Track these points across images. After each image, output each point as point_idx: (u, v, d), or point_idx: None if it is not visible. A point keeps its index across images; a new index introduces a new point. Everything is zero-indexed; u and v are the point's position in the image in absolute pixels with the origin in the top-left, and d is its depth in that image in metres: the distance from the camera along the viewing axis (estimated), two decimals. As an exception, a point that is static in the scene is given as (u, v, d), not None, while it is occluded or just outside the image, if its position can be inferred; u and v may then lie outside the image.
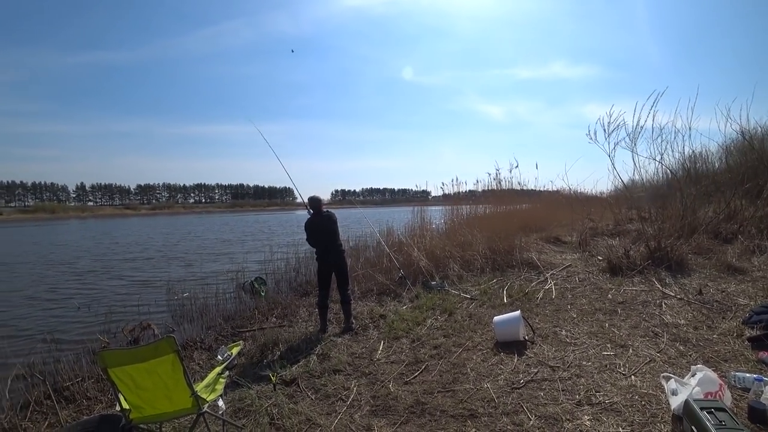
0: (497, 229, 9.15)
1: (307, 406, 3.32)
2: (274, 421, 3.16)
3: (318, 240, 5.25)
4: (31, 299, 9.31)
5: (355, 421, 3.06)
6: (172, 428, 3.18)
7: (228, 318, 6.64)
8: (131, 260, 15.40)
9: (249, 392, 3.64)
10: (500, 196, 11.17)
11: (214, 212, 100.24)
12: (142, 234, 30.02)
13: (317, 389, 3.64)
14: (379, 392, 3.46)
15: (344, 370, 3.98)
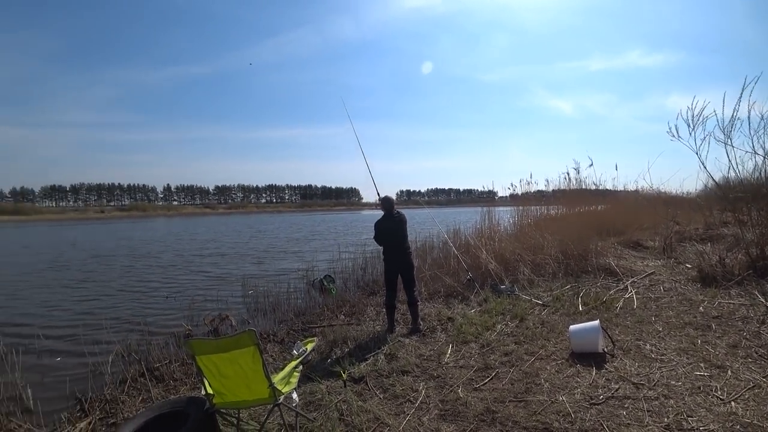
0: (570, 231, 8.69)
1: (375, 405, 3.36)
2: (343, 417, 3.22)
3: (386, 241, 5.29)
4: (125, 289, 10.28)
5: (424, 424, 3.05)
6: (248, 415, 3.36)
7: (299, 313, 6.91)
8: (208, 256, 16.48)
9: (319, 387, 3.76)
10: (573, 196, 10.58)
11: (284, 212, 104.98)
12: (218, 231, 32.07)
13: (385, 389, 3.67)
14: (447, 396, 3.42)
15: (412, 372, 3.97)
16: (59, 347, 5.99)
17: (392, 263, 5.31)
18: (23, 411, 4.05)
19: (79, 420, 3.72)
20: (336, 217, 61.28)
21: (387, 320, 5.37)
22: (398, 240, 5.24)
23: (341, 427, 3.10)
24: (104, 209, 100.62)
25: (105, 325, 6.54)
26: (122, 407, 3.90)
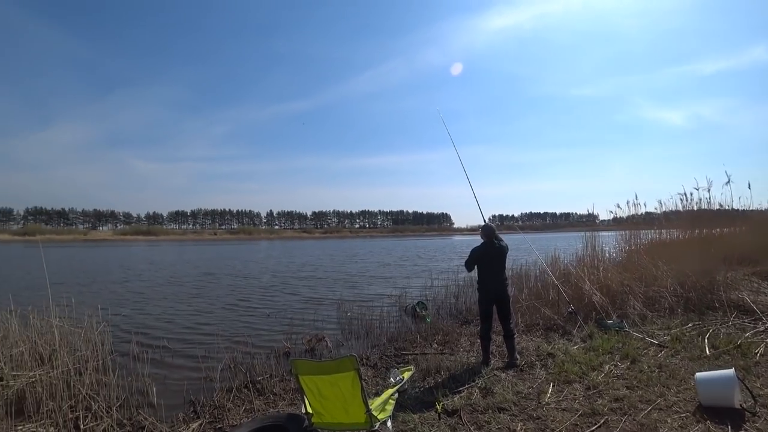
0: (690, 260, 7.70)
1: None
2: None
3: (483, 270, 5.14)
4: (230, 305, 11.20)
5: (523, 468, 2.86)
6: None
7: (391, 339, 6.95)
8: (303, 278, 17.37)
9: (412, 416, 3.71)
10: (692, 218, 9.34)
11: (377, 236, 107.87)
12: (313, 255, 33.75)
13: (480, 425, 3.52)
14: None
15: (509, 410, 3.76)
16: (178, 354, 6.72)
17: (488, 293, 5.12)
18: (148, 405, 4.62)
19: (192, 420, 4.16)
20: (427, 242, 61.25)
21: (482, 352, 5.17)
22: (496, 270, 5.07)
23: (434, 460, 3.03)
24: (216, 232, 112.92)
25: (215, 338, 7.21)
26: (228, 414, 4.25)
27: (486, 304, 5.14)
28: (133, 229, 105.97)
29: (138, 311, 10.37)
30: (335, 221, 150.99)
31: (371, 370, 5.40)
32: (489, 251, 5.08)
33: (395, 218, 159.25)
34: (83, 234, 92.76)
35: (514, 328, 5.22)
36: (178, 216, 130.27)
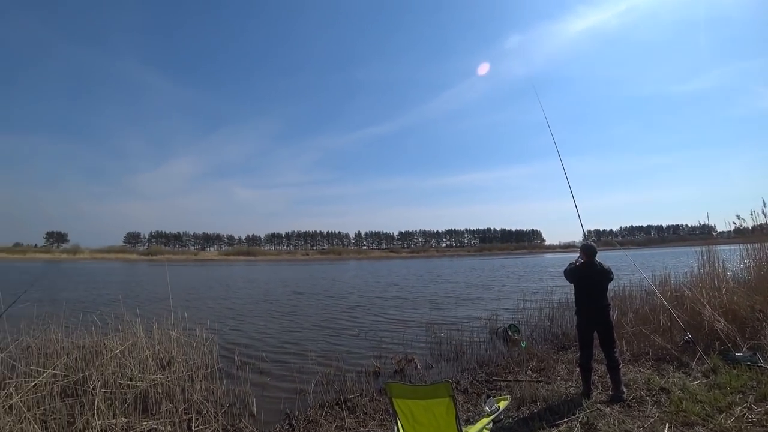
0: None
1: (572, 482, 2.98)
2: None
3: (582, 292, 4.80)
4: (320, 324, 11.56)
5: None
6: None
7: (482, 363, 6.71)
8: (390, 299, 17.42)
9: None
10: None
11: (464, 255, 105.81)
12: (399, 275, 33.90)
13: (583, 464, 3.23)
14: (667, 489, 2.80)
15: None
16: (274, 368, 7.10)
17: (587, 319, 4.75)
18: (249, 414, 4.97)
19: None
20: (516, 261, 58.64)
21: (582, 382, 4.78)
22: (596, 294, 4.69)
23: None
24: (308, 252, 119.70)
25: (307, 354, 7.54)
26: (320, 430, 4.43)
27: (585, 329, 4.77)
28: (235, 250, 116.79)
29: (237, 326, 11.23)
30: (422, 241, 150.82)
31: (462, 395, 5.25)
32: (589, 273, 4.73)
33: (482, 236, 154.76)
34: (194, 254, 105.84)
35: (619, 358, 4.75)
36: (273, 238, 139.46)
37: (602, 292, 4.70)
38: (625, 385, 4.69)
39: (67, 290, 20.80)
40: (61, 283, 25.72)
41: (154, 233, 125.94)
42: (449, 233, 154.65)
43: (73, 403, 4.66)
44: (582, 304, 4.79)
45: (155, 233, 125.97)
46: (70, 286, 23.75)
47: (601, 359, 4.93)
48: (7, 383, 4.60)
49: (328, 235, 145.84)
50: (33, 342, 6.23)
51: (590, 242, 4.94)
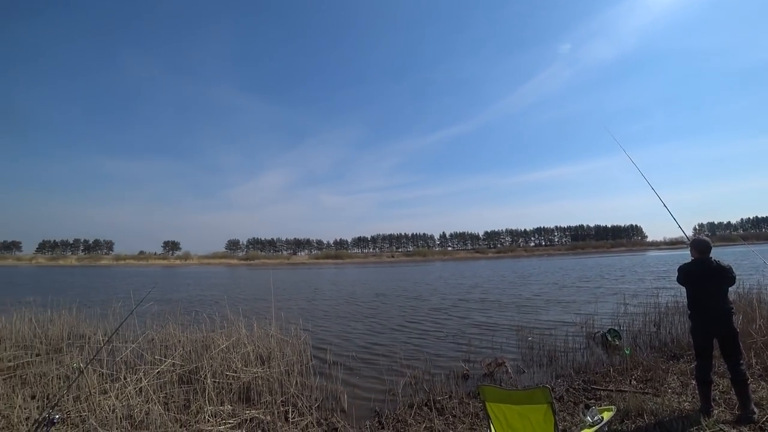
0: None
1: None
2: None
3: (697, 294, 4.24)
4: (403, 325, 11.63)
5: None
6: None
7: (579, 370, 6.30)
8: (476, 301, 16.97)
9: (610, 464, 3.26)
10: None
11: (554, 255, 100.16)
12: (483, 276, 32.85)
13: (705, 490, 2.87)
14: None
15: (747, 477, 2.97)
16: (363, 367, 7.29)
17: (703, 325, 4.17)
18: (340, 410, 5.18)
19: (378, 430, 4.52)
20: (613, 260, 53.97)
21: (700, 398, 4.22)
22: (715, 295, 4.10)
23: None
24: (394, 254, 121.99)
25: (395, 354, 7.64)
26: (409, 429, 4.46)
27: (702, 337, 4.18)
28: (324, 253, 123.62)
29: (327, 326, 11.74)
30: (509, 240, 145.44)
31: (557, 403, 4.94)
32: (704, 271, 4.16)
33: (574, 234, 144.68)
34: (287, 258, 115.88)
35: (746, 371, 4.08)
36: (360, 241, 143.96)
37: (720, 293, 4.09)
38: (755, 404, 4.06)
39: (180, 291, 23.54)
40: (175, 285, 29.26)
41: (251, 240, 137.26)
42: (538, 231, 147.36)
43: (189, 389, 5.29)
44: (696, 307, 4.23)
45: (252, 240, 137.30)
46: (182, 288, 26.82)
47: (723, 372, 4.34)
48: (137, 369, 5.38)
49: (413, 236, 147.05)
50: (156, 335, 7.29)
51: (703, 237, 4.35)
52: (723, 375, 4.66)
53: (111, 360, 6.07)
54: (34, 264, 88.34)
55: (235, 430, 4.27)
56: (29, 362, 6.40)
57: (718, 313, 4.08)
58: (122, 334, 7.14)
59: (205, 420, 4.37)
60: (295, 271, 58.14)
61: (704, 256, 4.22)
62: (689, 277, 4.28)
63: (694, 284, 4.24)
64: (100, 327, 8.42)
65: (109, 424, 4.21)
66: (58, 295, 12.25)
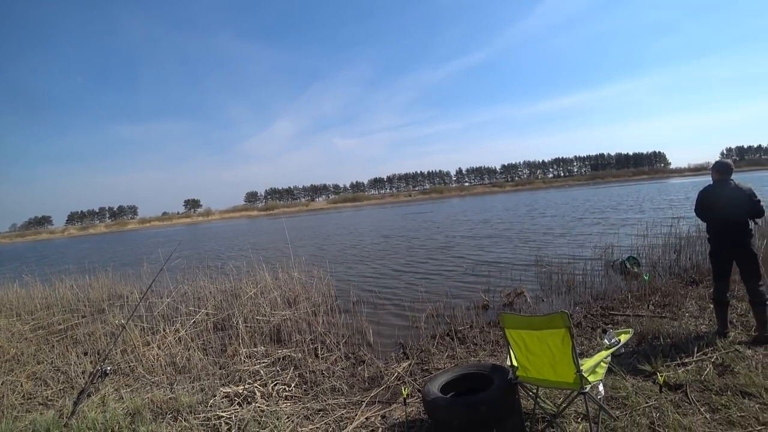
0: None
1: (699, 425, 2.79)
2: (654, 426, 2.82)
3: (712, 215, 4.22)
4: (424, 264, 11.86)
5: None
6: (544, 394, 3.33)
7: (597, 297, 6.43)
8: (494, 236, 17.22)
9: (624, 383, 3.41)
10: None
11: (573, 185, 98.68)
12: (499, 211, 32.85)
13: (714, 408, 2.98)
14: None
15: (759, 397, 3.05)
16: (387, 303, 7.60)
17: (721, 246, 4.17)
18: (366, 344, 5.49)
19: (403, 360, 4.77)
20: (635, 188, 52.84)
21: (717, 319, 4.29)
22: (731, 215, 4.04)
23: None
24: (411, 193, 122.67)
25: (417, 288, 7.89)
26: (433, 358, 4.71)
27: (719, 258, 4.21)
28: (342, 197, 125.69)
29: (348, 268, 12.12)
30: (526, 173, 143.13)
31: (575, 329, 5.13)
32: (721, 191, 4.11)
33: (594, 163, 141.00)
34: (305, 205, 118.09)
35: (766, 293, 4.08)
36: (376, 183, 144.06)
37: (739, 215, 4.03)
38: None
39: (206, 247, 24.44)
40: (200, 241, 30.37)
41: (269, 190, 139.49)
42: (556, 162, 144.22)
43: (223, 335, 5.72)
44: (713, 228, 4.22)
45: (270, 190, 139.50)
46: (207, 243, 27.83)
47: (743, 295, 4.36)
48: (174, 320, 5.86)
49: (429, 174, 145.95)
50: (189, 288, 7.74)
51: (723, 160, 4.25)
52: (742, 299, 4.69)
53: (149, 315, 6.49)
54: (66, 236, 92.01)
55: (270, 367, 4.58)
56: (77, 323, 6.91)
57: (736, 236, 4.06)
58: (157, 291, 7.56)
59: (242, 361, 4.72)
60: (315, 217, 59.26)
61: (724, 176, 4.14)
62: (707, 199, 4.24)
63: (712, 206, 4.19)
64: (136, 286, 8.98)
65: (155, 370, 4.63)
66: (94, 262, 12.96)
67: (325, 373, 4.42)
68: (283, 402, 3.82)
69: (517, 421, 2.91)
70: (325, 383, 4.16)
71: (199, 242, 29.18)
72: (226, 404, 3.75)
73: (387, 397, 3.84)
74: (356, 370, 4.55)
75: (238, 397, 3.86)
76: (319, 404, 3.75)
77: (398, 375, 4.30)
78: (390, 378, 4.24)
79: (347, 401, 3.81)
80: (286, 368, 4.55)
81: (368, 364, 4.67)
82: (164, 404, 3.77)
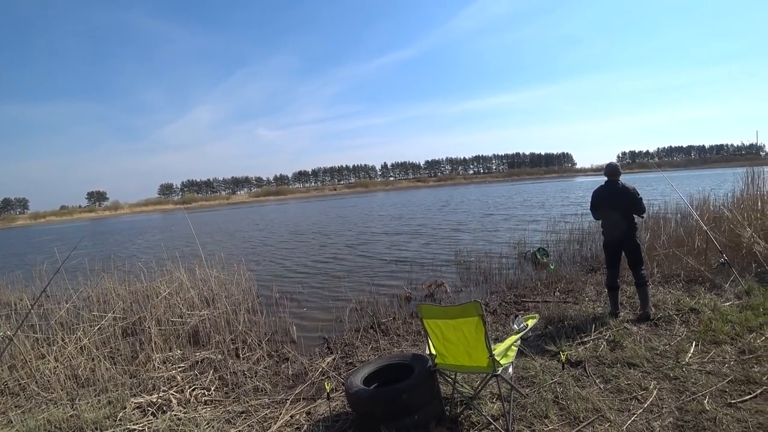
0: None
1: (595, 395, 3.14)
2: (558, 400, 3.13)
3: (605, 212, 4.80)
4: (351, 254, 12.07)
5: (654, 430, 2.69)
6: (462, 379, 3.55)
7: (511, 286, 6.89)
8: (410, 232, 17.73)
9: (533, 364, 3.72)
10: None
11: (492, 182, 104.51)
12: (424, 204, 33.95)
13: (607, 379, 3.38)
14: (688, 405, 2.91)
15: (641, 366, 3.53)
16: (311, 297, 7.55)
17: (611, 237, 4.77)
18: (290, 341, 5.38)
19: (327, 355, 4.75)
20: (544, 186, 57.24)
21: (610, 302, 4.87)
22: (618, 211, 4.64)
23: (555, 409, 3.02)
24: (336, 187, 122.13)
25: (341, 283, 7.90)
26: (357, 351, 4.75)
27: (610, 249, 4.83)
28: (264, 191, 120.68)
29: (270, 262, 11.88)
30: (449, 168, 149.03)
31: (491, 316, 5.47)
32: (610, 190, 4.72)
33: (511, 162, 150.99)
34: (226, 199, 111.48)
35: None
36: (301, 176, 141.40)
37: (624, 210, 4.63)
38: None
39: (112, 243, 22.31)
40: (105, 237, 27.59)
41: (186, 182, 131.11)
42: (477, 159, 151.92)
43: (134, 341, 5.24)
44: (605, 224, 4.84)
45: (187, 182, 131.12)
46: (113, 239, 25.41)
47: (631, 281, 4.97)
48: (75, 328, 5.20)
49: (354, 168, 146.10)
50: (92, 291, 6.89)
51: (612, 162, 4.86)
52: (630, 284, 5.29)
53: (45, 324, 5.73)
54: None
55: (187, 372, 4.32)
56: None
57: (623, 229, 4.63)
58: (54, 295, 6.77)
59: (155, 368, 4.37)
60: (237, 210, 56.71)
61: (612, 178, 4.72)
62: (598, 198, 4.82)
63: (603, 204, 4.77)
64: (26, 291, 7.60)
65: (52, 386, 4.10)
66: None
67: (248, 374, 4.28)
68: (202, 407, 3.64)
69: (437, 406, 3.05)
70: (247, 384, 4.03)
71: (104, 239, 26.63)
72: (138, 416, 3.49)
73: (312, 394, 3.81)
74: (280, 368, 4.46)
75: (151, 406, 3.60)
76: (242, 406, 3.63)
77: (323, 370, 4.28)
78: (314, 374, 4.21)
79: (271, 401, 3.73)
80: (205, 371, 4.32)
81: (292, 361, 4.60)
82: (64, 423, 3.39)
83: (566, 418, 2.92)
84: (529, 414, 2.99)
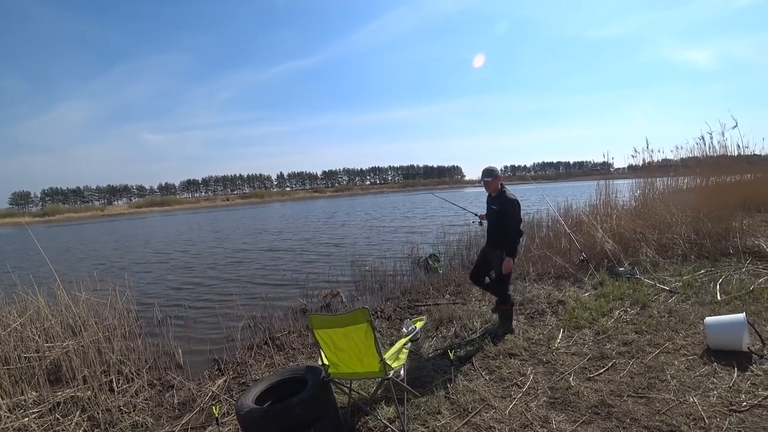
0: (705, 206, 7.59)
1: (481, 386, 3.37)
2: (449, 395, 3.30)
3: None
4: (244, 269, 11.50)
5: (531, 410, 2.99)
6: (358, 386, 3.59)
7: (405, 292, 7.10)
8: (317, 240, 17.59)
9: (426, 365, 3.88)
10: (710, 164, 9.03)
11: (387, 192, 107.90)
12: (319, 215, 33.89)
13: (491, 371, 3.66)
14: (557, 384, 3.30)
15: (520, 355, 3.89)
16: (199, 316, 6.99)
17: None
18: (176, 366, 4.89)
19: (217, 377, 4.39)
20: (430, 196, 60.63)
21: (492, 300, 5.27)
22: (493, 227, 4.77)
23: (446, 404, 3.18)
24: (229, 197, 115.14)
25: (233, 298, 7.44)
26: (250, 369, 4.48)
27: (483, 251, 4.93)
28: (147, 201, 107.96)
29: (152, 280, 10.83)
30: (346, 179, 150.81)
31: (386, 321, 5.56)
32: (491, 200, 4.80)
33: (406, 173, 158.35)
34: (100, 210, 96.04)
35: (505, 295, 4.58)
36: (190, 185, 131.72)
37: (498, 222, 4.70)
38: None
39: None
40: None
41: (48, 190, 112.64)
42: (373, 170, 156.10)
43: None
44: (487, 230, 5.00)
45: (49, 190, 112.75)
46: None
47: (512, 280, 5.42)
48: None
49: (249, 178, 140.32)
50: None
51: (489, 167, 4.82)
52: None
53: None
54: None
55: (45, 417, 3.67)
56: None
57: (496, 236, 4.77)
58: None
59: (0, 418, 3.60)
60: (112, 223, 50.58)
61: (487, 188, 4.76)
62: None
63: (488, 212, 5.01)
64: None
65: None
66: None
67: (124, 409, 3.78)
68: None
69: (333, 417, 3.01)
70: (124, 421, 3.56)
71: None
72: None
73: (201, 422, 3.50)
74: (164, 398, 4.03)
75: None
76: (117, 446, 3.20)
77: (213, 394, 3.97)
78: (204, 399, 3.88)
79: (153, 435, 3.35)
80: (70, 413, 3.72)
81: (178, 388, 4.18)
82: None
83: (456, 411, 3.08)
84: (423, 412, 3.10)
